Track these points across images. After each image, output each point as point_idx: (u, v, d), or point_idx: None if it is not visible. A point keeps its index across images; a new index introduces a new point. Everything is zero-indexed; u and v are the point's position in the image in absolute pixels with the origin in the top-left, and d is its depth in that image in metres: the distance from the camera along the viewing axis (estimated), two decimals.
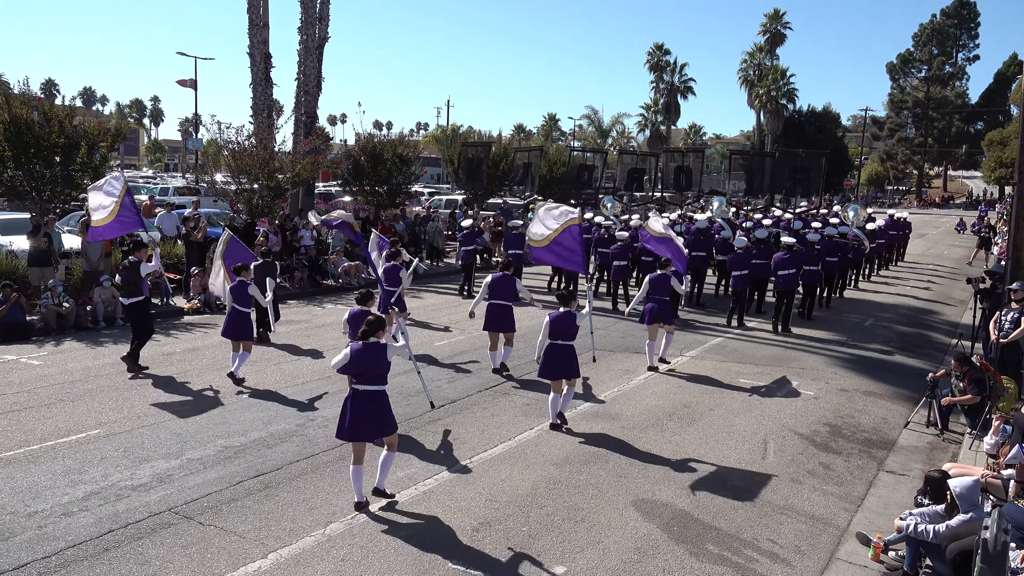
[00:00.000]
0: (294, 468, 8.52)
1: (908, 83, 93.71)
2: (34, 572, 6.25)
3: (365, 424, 7.48)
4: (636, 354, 14.12)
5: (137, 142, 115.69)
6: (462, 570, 6.53)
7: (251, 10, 24.99)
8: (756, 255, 17.36)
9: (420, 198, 40.09)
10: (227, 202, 23.45)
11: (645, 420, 10.59)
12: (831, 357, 14.75)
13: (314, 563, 6.56)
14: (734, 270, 17.44)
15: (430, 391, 9.96)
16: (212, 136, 24.23)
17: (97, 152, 18.77)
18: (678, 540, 7.23)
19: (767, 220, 24.73)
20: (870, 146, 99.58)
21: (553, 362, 9.91)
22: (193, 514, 7.35)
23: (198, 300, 17.02)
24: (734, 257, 17.54)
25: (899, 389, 12.78)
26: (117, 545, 6.72)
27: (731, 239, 19.56)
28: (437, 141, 75.56)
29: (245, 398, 10.95)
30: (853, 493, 8.56)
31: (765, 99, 71.38)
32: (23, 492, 7.69)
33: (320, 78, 26.15)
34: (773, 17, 73.71)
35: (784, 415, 11.08)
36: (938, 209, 79.51)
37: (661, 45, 75.91)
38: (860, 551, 7.19)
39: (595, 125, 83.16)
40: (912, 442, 10.29)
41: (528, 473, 8.61)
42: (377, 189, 27.25)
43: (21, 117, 17.20)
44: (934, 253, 36.24)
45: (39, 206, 17.94)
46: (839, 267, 20.30)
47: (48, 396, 10.64)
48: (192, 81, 50.49)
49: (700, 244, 19.24)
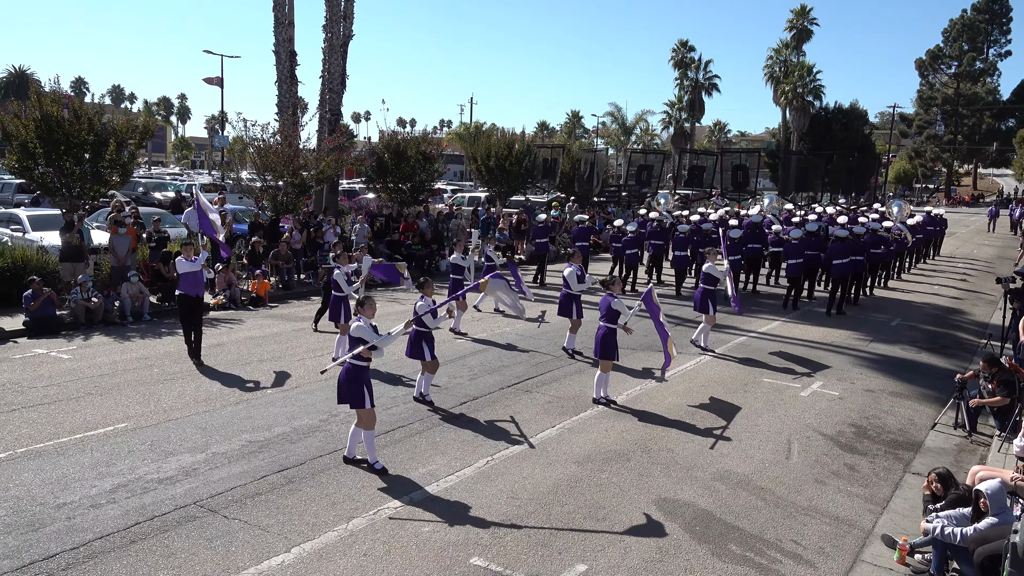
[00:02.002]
0: (317, 463, 8.58)
1: (938, 79, 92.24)
2: (63, 562, 6.36)
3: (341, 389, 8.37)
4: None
5: (164, 139, 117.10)
6: (483, 566, 6.55)
7: (277, 8, 25.18)
8: (808, 246, 19.24)
9: (443, 195, 40.20)
10: (252, 199, 23.66)
11: (668, 419, 10.54)
12: (856, 357, 14.59)
13: (337, 557, 6.61)
14: (789, 259, 19.19)
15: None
16: (238, 133, 24.48)
17: (125, 149, 19.00)
18: (700, 540, 7.19)
19: (812, 215, 26.28)
20: (898, 144, 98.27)
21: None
22: (218, 507, 7.43)
23: (224, 296, 17.19)
24: (789, 247, 19.25)
25: (926, 390, 12.61)
26: (144, 537, 6.82)
27: (782, 232, 21.15)
28: (460, 138, 75.81)
29: (270, 393, 11.05)
30: (879, 495, 8.46)
31: (791, 96, 70.54)
32: (52, 484, 7.82)
33: (344, 76, 26.28)
34: (800, 13, 72.80)
35: (808, 415, 10.98)
36: (967, 208, 78.25)
37: (685, 42, 75.30)
38: (885, 553, 7.11)
39: (618, 122, 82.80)
40: (939, 444, 10.15)
41: (549, 471, 8.61)
42: (400, 186, 27.36)
43: (52, 115, 17.46)
44: (963, 253, 35.69)
45: (69, 202, 18.21)
46: (883, 258, 22.33)
47: (77, 390, 10.80)
48: (218, 79, 50.94)
49: (754, 237, 21.03)
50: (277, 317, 16.44)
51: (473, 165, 34.40)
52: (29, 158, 17.67)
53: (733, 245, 19.37)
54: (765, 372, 13.16)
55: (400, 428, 9.75)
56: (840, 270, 18.49)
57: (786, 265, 19.58)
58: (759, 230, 21.38)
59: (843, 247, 18.48)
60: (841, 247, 18.48)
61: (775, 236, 21.54)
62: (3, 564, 6.28)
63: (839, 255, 18.42)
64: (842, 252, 18.43)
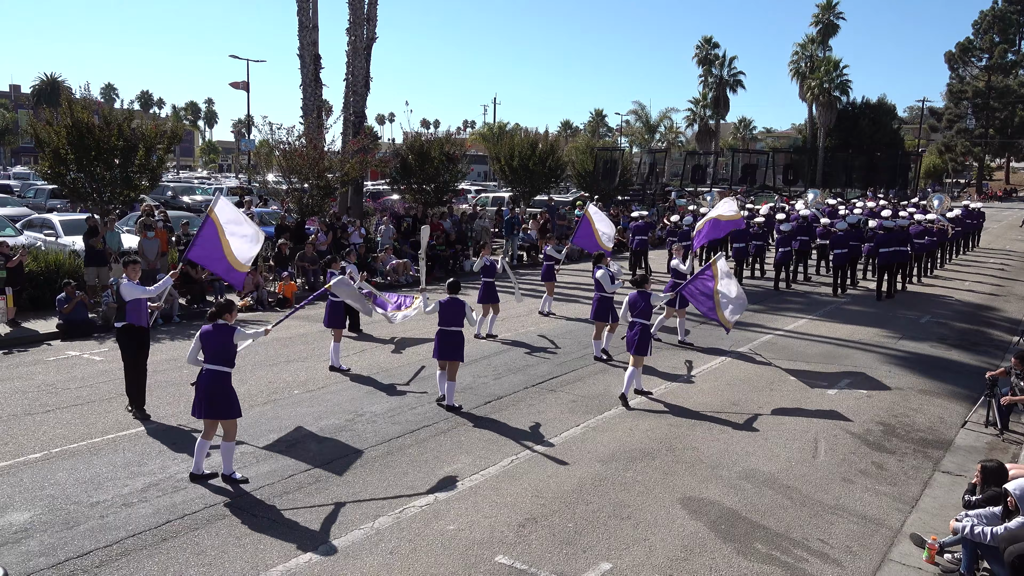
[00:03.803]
0: (343, 462, 8.67)
1: (968, 72, 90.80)
2: (97, 560, 6.49)
3: (204, 401, 7.93)
4: (685, 350, 14.00)
5: (192, 144, 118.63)
6: (508, 564, 6.58)
7: (301, 13, 25.42)
8: (852, 237, 21.10)
9: (467, 196, 40.32)
10: (278, 201, 23.90)
11: (693, 417, 10.51)
12: (885, 355, 14.42)
13: (363, 555, 6.68)
14: (835, 249, 20.98)
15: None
16: (264, 137, 24.75)
17: (154, 154, 19.31)
18: (726, 538, 7.17)
19: (857, 208, 29.16)
20: (928, 138, 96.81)
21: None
22: (247, 506, 7.54)
23: (251, 297, 17.40)
24: (835, 238, 20.96)
25: (956, 388, 12.44)
26: (175, 535, 6.94)
27: (828, 225, 22.91)
28: (484, 139, 75.87)
29: (296, 394, 11.17)
30: (907, 493, 8.37)
31: (817, 91, 69.82)
32: (86, 483, 7.98)
33: (368, 78, 26.47)
34: (825, 7, 72.01)
35: (836, 413, 10.88)
36: (999, 202, 76.89)
37: (710, 38, 74.79)
38: (914, 553, 7.03)
39: (642, 120, 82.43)
40: (970, 442, 10.01)
41: (574, 470, 8.63)
42: (424, 187, 27.51)
43: (83, 121, 17.81)
44: (996, 248, 35.10)
45: (100, 207, 18.53)
46: (927, 248, 24.16)
47: (109, 391, 11.00)
48: (244, 83, 51.60)
49: (804, 230, 23.09)
50: (303, 318, 16.59)
51: (496, 165, 34.52)
52: (61, 164, 18.02)
53: (784, 237, 21.59)
54: (792, 370, 13.06)
55: (425, 428, 9.82)
56: (887, 258, 20.17)
57: (832, 255, 21.31)
58: (808, 223, 23.46)
59: (889, 237, 20.10)
60: (887, 237, 20.09)
61: (823, 228, 23.22)
62: (39, 561, 6.43)
63: (885, 244, 20.06)
64: (888, 241, 20.05)
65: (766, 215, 26.05)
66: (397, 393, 11.26)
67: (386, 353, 13.68)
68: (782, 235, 21.66)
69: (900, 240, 20.42)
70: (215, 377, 7.94)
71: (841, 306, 19.29)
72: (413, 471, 8.47)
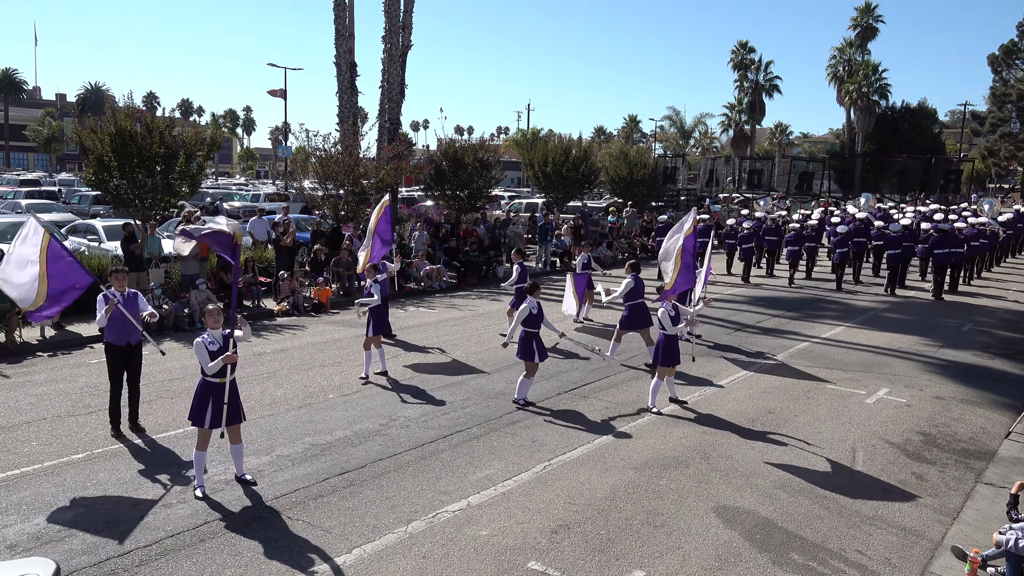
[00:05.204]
0: (377, 467, 8.73)
1: (1012, 75, 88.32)
2: (137, 559, 6.62)
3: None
4: (717, 359, 13.88)
5: (231, 151, 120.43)
6: (540, 570, 6.58)
7: (338, 21, 25.73)
8: (904, 239, 22.41)
9: (500, 202, 40.41)
10: (314, 207, 24.16)
11: (727, 425, 10.41)
12: (925, 363, 14.15)
13: (396, 559, 6.72)
14: (888, 249, 22.49)
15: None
16: (300, 144, 25.02)
17: (194, 161, 19.65)
18: (761, 548, 7.09)
19: (909, 211, 30.34)
20: (970, 143, 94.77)
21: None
22: (282, 508, 7.64)
23: (287, 302, 17.63)
24: (889, 239, 22.50)
25: (999, 397, 12.16)
26: (212, 536, 7.05)
27: (883, 228, 24.06)
28: (517, 145, 75.95)
29: (331, 398, 11.29)
30: (948, 505, 8.20)
31: (855, 96, 68.75)
32: (127, 483, 8.15)
33: (403, 85, 26.67)
34: (864, 11, 70.95)
35: (874, 423, 10.70)
36: None
37: (745, 43, 74.14)
38: (955, 566, 6.88)
39: (677, 126, 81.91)
40: (1014, 453, 9.77)
41: (607, 476, 8.59)
42: (458, 193, 27.64)
43: (126, 129, 18.19)
44: None
45: (142, 213, 18.91)
46: (980, 250, 25.15)
47: (149, 393, 11.19)
48: (282, 91, 52.34)
49: (860, 232, 24.09)
50: (338, 323, 16.77)
51: (530, 171, 34.55)
52: (104, 171, 18.41)
53: (841, 239, 22.93)
54: (829, 378, 12.87)
55: (458, 432, 9.86)
56: (941, 259, 21.43)
57: (886, 256, 22.78)
58: (864, 226, 24.48)
59: (943, 239, 21.37)
60: (942, 239, 21.37)
61: (877, 231, 24.40)
62: (82, 559, 6.58)
63: (940, 246, 21.32)
64: (943, 243, 21.34)
65: (818, 218, 27.89)
66: (430, 398, 11.32)
67: (420, 358, 13.76)
68: (838, 237, 23.01)
69: (955, 242, 21.61)
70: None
71: (879, 313, 18.97)
72: (446, 476, 8.50)
